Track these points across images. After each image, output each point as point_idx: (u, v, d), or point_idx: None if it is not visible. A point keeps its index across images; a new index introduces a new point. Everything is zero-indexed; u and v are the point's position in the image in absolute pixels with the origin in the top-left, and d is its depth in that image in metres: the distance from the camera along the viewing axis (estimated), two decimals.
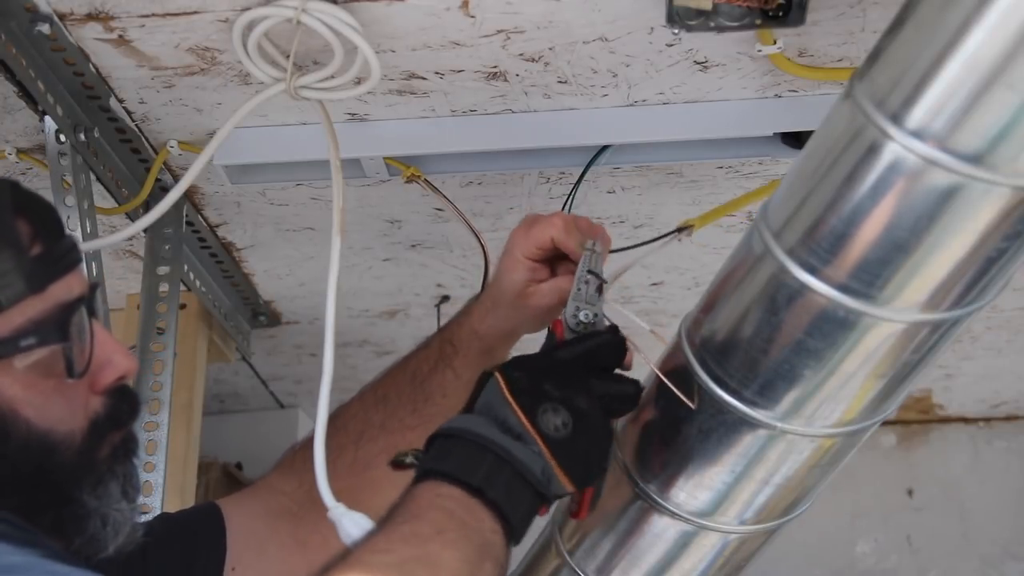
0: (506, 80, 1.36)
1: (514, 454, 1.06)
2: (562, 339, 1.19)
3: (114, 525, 1.00)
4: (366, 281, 1.88)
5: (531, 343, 1.26)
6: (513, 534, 1.04)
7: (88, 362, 0.99)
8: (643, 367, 1.27)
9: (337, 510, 1.15)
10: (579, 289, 1.23)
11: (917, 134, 0.92)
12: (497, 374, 1.11)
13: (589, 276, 1.24)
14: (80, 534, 0.98)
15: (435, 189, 1.49)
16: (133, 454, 1.04)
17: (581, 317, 1.20)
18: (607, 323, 1.21)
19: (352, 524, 1.14)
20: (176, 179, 1.54)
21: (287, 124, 1.45)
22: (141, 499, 1.25)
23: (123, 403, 1.03)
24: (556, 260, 1.31)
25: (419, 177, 1.49)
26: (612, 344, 1.18)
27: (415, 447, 1.12)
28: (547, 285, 1.31)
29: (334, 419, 1.36)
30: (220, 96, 1.38)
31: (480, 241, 1.46)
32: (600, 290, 1.24)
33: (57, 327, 0.97)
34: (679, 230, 1.35)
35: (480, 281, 1.46)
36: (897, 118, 0.92)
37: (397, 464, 1.10)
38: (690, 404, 1.16)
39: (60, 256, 0.99)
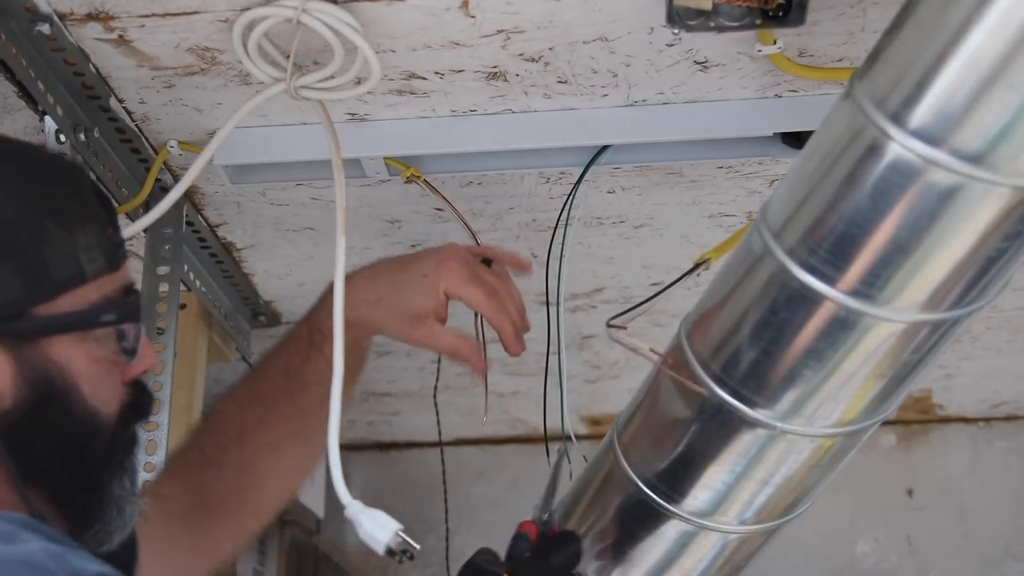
0: (506, 80, 1.36)
1: None
2: (538, 541, 1.31)
3: (123, 517, 1.02)
4: None
5: None
6: None
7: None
8: (644, 366, 1.27)
9: (354, 507, 1.14)
10: (549, 494, 1.37)
11: (917, 134, 0.92)
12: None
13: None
14: (100, 521, 1.00)
15: (434, 189, 1.49)
16: (136, 450, 1.06)
17: (544, 519, 1.35)
18: (558, 524, 1.36)
19: (371, 522, 1.13)
20: (176, 179, 1.54)
21: (287, 124, 1.45)
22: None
23: (144, 394, 1.05)
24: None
25: (419, 177, 1.49)
26: (579, 551, 1.32)
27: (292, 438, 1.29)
28: (442, 330, 1.33)
29: (208, 420, 1.40)
30: (220, 96, 1.38)
31: (477, 242, 1.46)
32: (554, 493, 1.38)
33: (132, 307, 1.02)
34: (697, 266, 1.35)
35: None
36: (897, 118, 0.92)
37: None
38: (700, 390, 1.16)
39: (122, 242, 1.04)
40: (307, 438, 1.35)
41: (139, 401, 1.04)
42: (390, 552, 1.12)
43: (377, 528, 1.13)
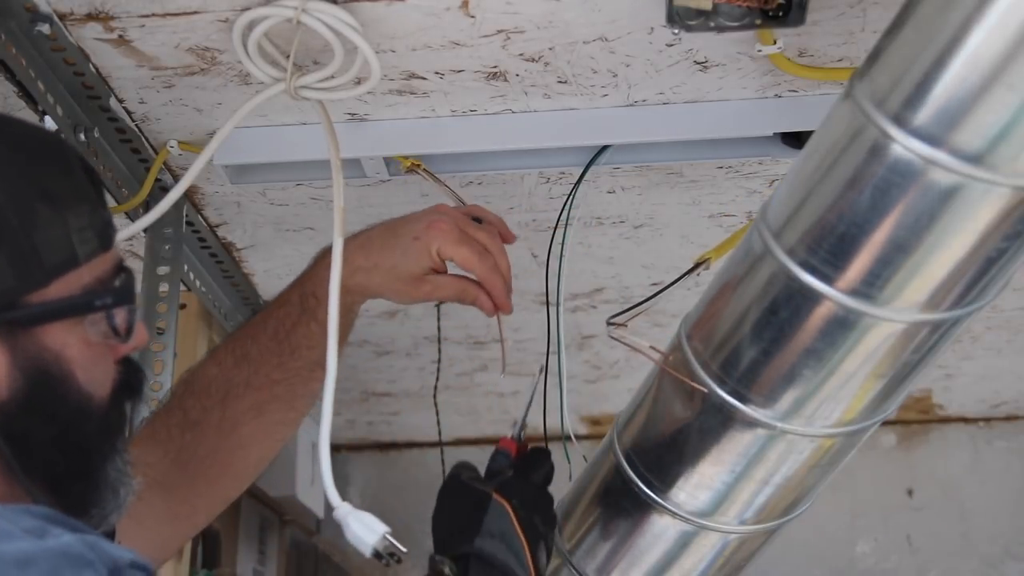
0: (506, 80, 1.36)
1: None
2: (518, 457, 1.32)
3: (118, 500, 1.00)
4: None
5: None
6: None
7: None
8: (644, 366, 1.27)
9: (343, 509, 1.15)
10: (527, 411, 1.36)
11: (917, 134, 0.92)
12: (503, 502, 1.24)
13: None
14: (97, 505, 0.98)
15: (435, 178, 1.48)
16: (127, 429, 1.04)
17: (522, 436, 1.35)
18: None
19: (359, 524, 1.14)
20: (176, 179, 1.54)
21: (287, 124, 1.45)
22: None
23: (136, 372, 1.03)
24: None
25: (419, 166, 1.48)
26: (552, 465, 1.32)
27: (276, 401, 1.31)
28: (444, 280, 1.32)
29: (190, 384, 1.38)
30: (220, 96, 1.38)
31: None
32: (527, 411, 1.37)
33: (126, 288, 0.99)
34: (697, 266, 1.35)
35: None
36: (897, 118, 0.93)
37: (436, 571, 1.21)
38: (701, 389, 1.16)
39: (112, 219, 1.01)
40: (291, 403, 1.35)
41: (130, 379, 1.02)
42: (377, 555, 1.12)
43: (364, 530, 1.13)
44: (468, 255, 1.31)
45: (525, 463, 1.32)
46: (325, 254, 1.36)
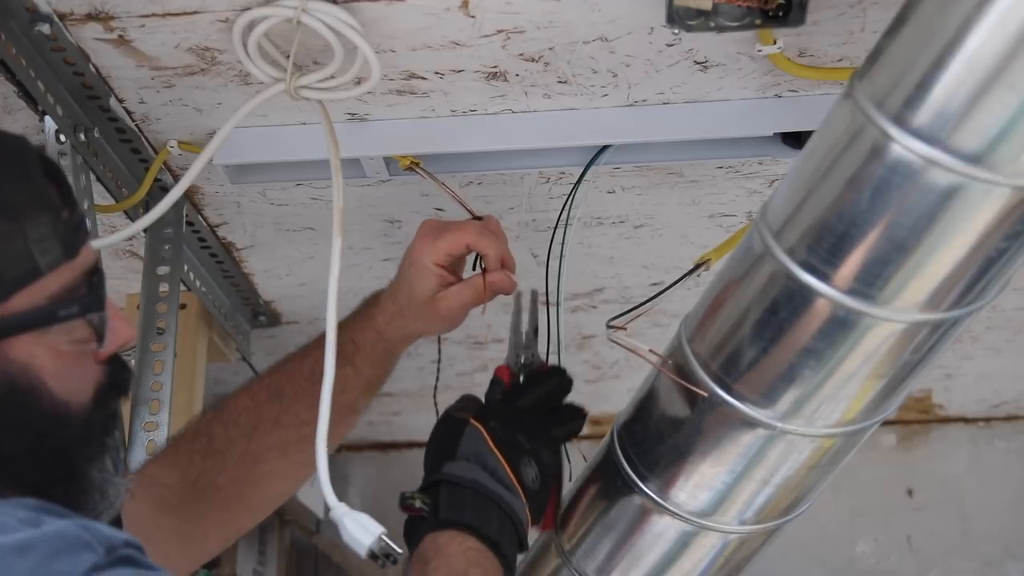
0: (506, 80, 1.36)
1: (512, 506, 1.22)
2: (510, 385, 1.33)
3: (108, 500, 1.00)
4: (366, 281, 1.88)
5: None
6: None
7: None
8: (644, 367, 1.27)
9: (339, 510, 1.15)
10: (518, 334, 1.36)
11: (917, 134, 0.92)
12: (476, 424, 1.24)
13: (525, 320, 1.37)
14: (83, 508, 0.97)
15: (433, 177, 1.48)
16: (118, 426, 1.03)
17: (523, 361, 1.35)
18: (544, 361, 1.37)
19: (354, 525, 1.14)
20: (176, 179, 1.54)
21: (287, 124, 1.45)
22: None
23: (122, 370, 1.02)
24: (458, 264, 1.38)
25: (418, 165, 1.48)
26: (560, 384, 1.33)
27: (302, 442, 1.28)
28: (455, 289, 1.36)
29: (221, 412, 1.38)
30: (220, 96, 1.38)
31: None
32: (536, 332, 1.37)
33: (95, 296, 0.96)
34: (697, 266, 1.35)
35: None
36: (897, 118, 0.92)
37: (406, 506, 1.21)
38: (701, 393, 1.16)
39: (81, 221, 0.98)
40: None
41: (116, 379, 1.01)
42: (372, 555, 1.13)
43: (360, 531, 1.13)
44: (454, 235, 1.34)
45: (516, 388, 1.32)
46: (371, 300, 1.40)
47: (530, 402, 1.30)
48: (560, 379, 1.34)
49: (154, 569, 0.87)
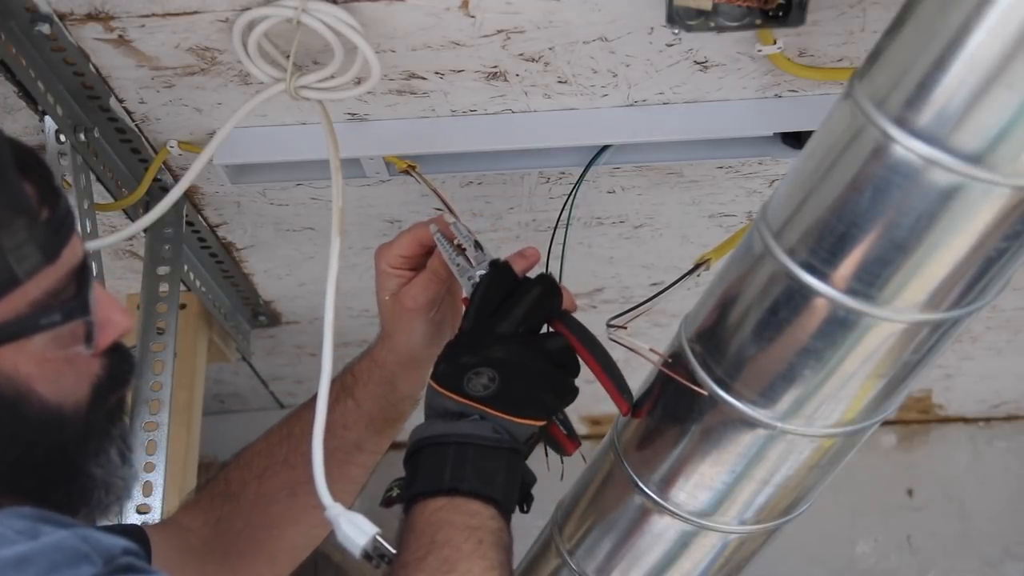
0: (506, 80, 1.36)
1: (465, 432, 1.12)
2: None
3: (115, 493, 0.99)
4: (366, 281, 1.87)
5: None
6: (506, 503, 1.11)
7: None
8: (644, 367, 1.27)
9: (334, 510, 1.15)
10: (458, 263, 1.27)
11: (917, 134, 0.92)
12: (430, 381, 1.17)
13: (459, 245, 1.27)
14: (86, 505, 0.97)
15: (428, 182, 1.48)
16: (125, 412, 1.02)
17: (477, 280, 1.24)
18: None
19: (349, 524, 1.14)
20: (176, 179, 1.54)
21: (287, 124, 1.45)
22: (136, 464, 1.24)
23: (122, 361, 0.99)
24: (420, 263, 1.33)
25: (413, 168, 1.47)
26: (495, 278, 1.21)
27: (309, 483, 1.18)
28: (413, 281, 1.31)
29: (240, 456, 1.38)
30: (220, 96, 1.38)
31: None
32: (478, 246, 1.27)
33: (79, 300, 0.92)
34: (697, 266, 1.34)
35: None
36: (897, 118, 0.92)
37: (388, 501, 1.16)
38: (701, 391, 1.16)
39: (64, 218, 0.93)
40: None
41: (116, 371, 0.98)
42: (366, 556, 1.12)
43: (354, 531, 1.13)
44: (402, 235, 1.32)
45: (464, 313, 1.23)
46: (374, 346, 1.37)
47: (471, 315, 1.21)
48: (495, 272, 1.22)
49: (153, 574, 0.86)
